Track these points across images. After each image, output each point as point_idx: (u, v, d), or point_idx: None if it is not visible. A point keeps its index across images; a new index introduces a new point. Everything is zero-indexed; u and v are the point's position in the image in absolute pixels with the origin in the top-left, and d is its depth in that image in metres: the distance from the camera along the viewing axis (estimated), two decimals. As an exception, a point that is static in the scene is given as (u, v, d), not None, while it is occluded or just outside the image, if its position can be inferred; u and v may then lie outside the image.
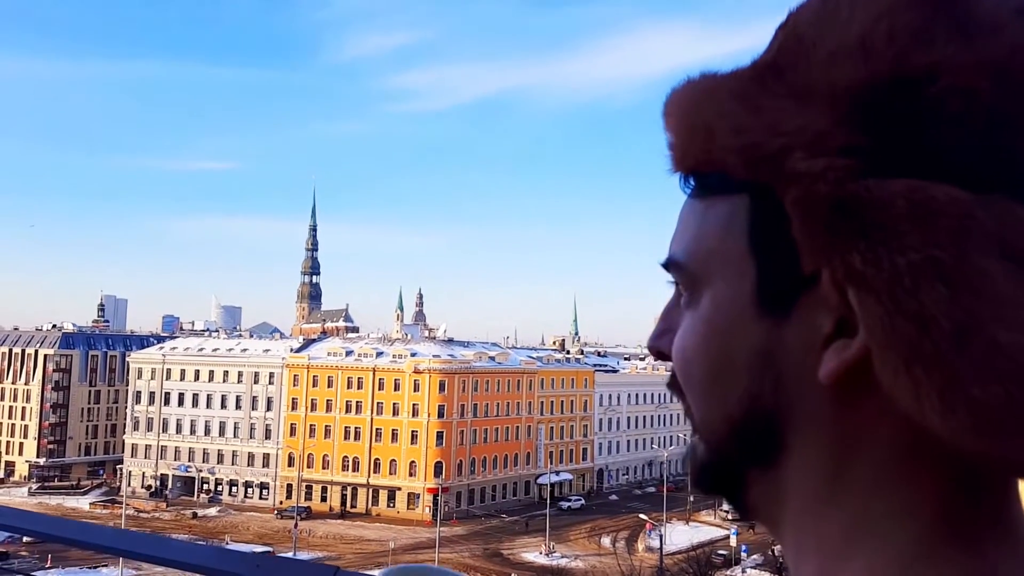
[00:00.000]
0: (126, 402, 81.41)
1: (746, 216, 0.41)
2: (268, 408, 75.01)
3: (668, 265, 0.46)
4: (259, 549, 49.61)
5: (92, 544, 1.94)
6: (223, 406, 76.52)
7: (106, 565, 51.51)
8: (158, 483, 75.74)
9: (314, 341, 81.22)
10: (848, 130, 0.37)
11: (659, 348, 0.47)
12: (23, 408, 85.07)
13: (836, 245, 0.36)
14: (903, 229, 0.35)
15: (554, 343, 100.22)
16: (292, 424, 73.39)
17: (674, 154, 0.45)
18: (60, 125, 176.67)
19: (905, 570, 0.37)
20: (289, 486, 71.11)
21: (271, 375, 75.34)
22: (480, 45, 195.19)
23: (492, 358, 74.74)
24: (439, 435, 68.65)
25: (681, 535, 56.61)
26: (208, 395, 77.15)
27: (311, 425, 72.86)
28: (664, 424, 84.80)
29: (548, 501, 61.88)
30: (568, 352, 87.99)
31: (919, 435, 0.36)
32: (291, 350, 76.69)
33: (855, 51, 0.38)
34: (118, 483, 76.82)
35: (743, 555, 50.87)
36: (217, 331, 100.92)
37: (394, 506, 68.39)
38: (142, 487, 75.32)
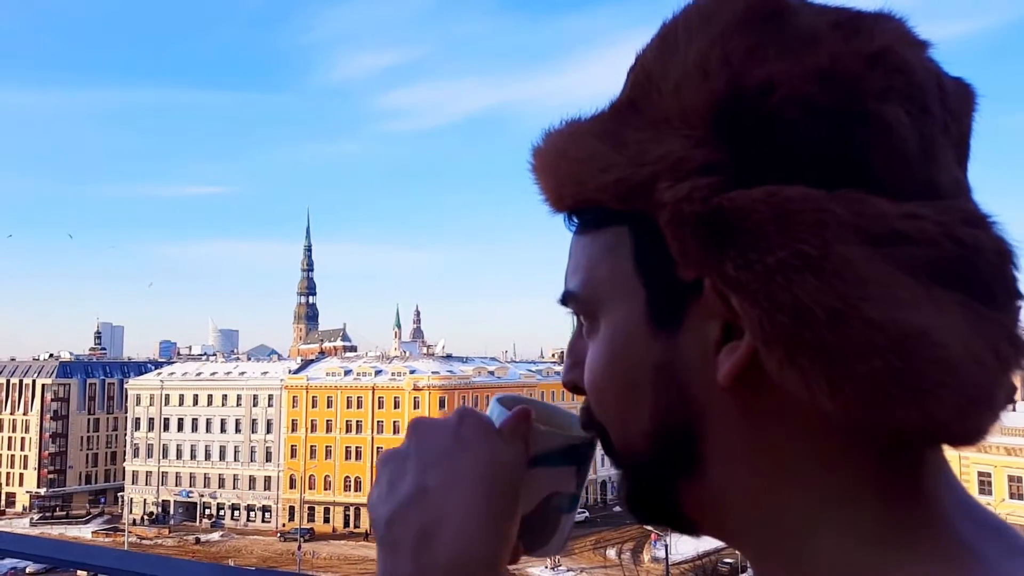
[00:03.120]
0: (125, 429, 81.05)
1: (629, 243, 0.45)
2: (268, 430, 74.73)
3: (565, 299, 0.50)
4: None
5: (95, 567, 2.04)
6: (223, 430, 76.21)
7: None
8: (160, 509, 75.28)
9: (312, 361, 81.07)
10: (705, 150, 0.41)
11: (573, 382, 0.50)
12: (22, 438, 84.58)
13: (710, 257, 0.40)
14: (767, 231, 0.39)
15: (553, 356, 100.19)
16: (293, 446, 73.11)
17: (548, 198, 0.49)
18: (53, 155, 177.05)
19: (878, 550, 0.40)
20: (291, 508, 70.74)
21: (270, 397, 75.12)
22: (469, 62, 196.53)
23: (491, 373, 74.69)
24: (441, 452, 68.35)
25: (687, 544, 56.36)
26: (208, 419, 76.84)
27: (312, 446, 72.59)
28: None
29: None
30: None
31: (824, 421, 0.39)
32: (289, 371, 76.52)
33: (695, 77, 0.42)
34: (120, 511, 76.33)
35: (750, 563, 50.61)
36: (215, 355, 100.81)
37: (398, 525, 67.97)
38: (144, 514, 74.83)
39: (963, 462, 42.03)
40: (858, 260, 0.38)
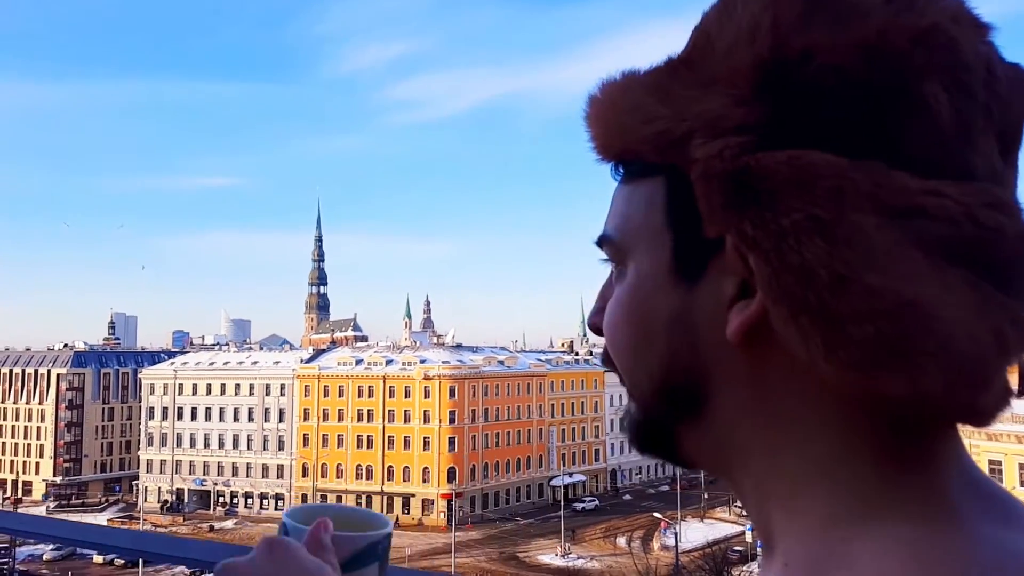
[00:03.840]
0: (139, 418, 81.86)
1: (663, 194, 0.47)
2: (280, 419, 75.32)
3: (601, 242, 0.52)
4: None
5: (111, 547, 2.13)
6: (236, 419, 76.88)
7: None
8: (174, 497, 76.09)
9: (323, 351, 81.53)
10: (743, 111, 0.43)
11: (596, 324, 0.53)
12: (38, 427, 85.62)
13: (733, 214, 0.42)
14: (787, 193, 0.41)
15: (563, 345, 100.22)
16: (305, 434, 73.68)
17: (596, 146, 0.51)
18: (67, 148, 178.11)
19: (866, 506, 0.41)
20: (304, 496, 71.27)
21: (282, 386, 75.66)
22: (478, 52, 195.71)
23: (501, 362, 74.82)
24: (451, 441, 68.81)
25: (696, 532, 56.55)
26: (220, 408, 77.53)
27: (324, 435, 73.13)
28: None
29: (562, 503, 61.93)
30: (577, 354, 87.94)
31: (825, 384, 0.41)
32: (301, 361, 76.98)
33: (745, 39, 0.44)
34: (134, 499, 77.24)
35: (759, 550, 50.58)
36: (227, 345, 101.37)
37: (409, 512, 68.53)
38: (158, 502, 75.69)
39: (973, 450, 41.94)
40: (869, 229, 0.39)
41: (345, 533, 0.56)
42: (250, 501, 74.74)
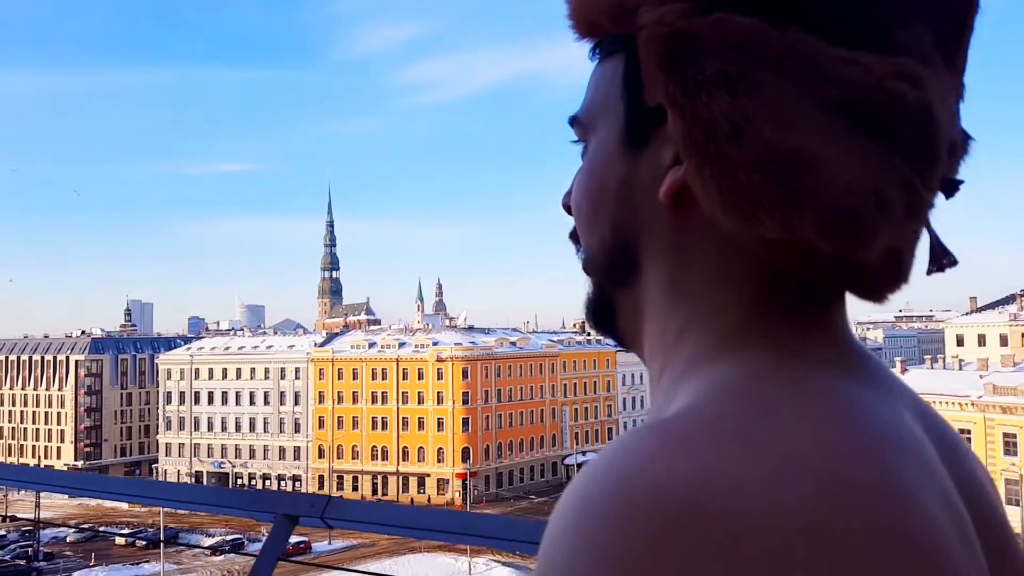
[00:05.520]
0: (157, 403, 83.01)
1: (621, 68, 0.50)
2: (296, 402, 76.14)
3: (571, 123, 0.55)
4: (294, 539, 50.67)
5: (113, 494, 2.33)
6: (252, 402, 77.81)
7: (148, 561, 52.86)
8: (193, 480, 77.23)
9: (337, 335, 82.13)
10: None
11: (566, 204, 0.56)
12: (58, 413, 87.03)
13: (664, 76, 0.44)
14: (706, 53, 0.43)
15: (574, 325, 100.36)
16: (320, 417, 74.51)
17: (572, 24, 0.53)
18: (80, 135, 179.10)
19: (717, 351, 0.45)
20: (321, 477, 72.35)
21: (297, 370, 76.42)
22: (490, 32, 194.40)
23: (513, 343, 75.16)
24: (464, 421, 69.37)
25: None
26: (237, 392, 78.45)
27: (339, 417, 73.93)
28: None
29: (575, 481, 62.34)
30: (589, 334, 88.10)
31: (731, 239, 0.44)
32: (315, 345, 77.65)
33: None
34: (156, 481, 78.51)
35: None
36: (242, 330, 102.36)
37: (424, 492, 69.29)
38: (178, 483, 76.88)
39: (988, 424, 41.81)
40: (772, 86, 0.42)
41: None
42: (268, 483, 75.67)
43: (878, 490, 0.37)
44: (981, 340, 55.93)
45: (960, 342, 57.44)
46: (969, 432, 42.17)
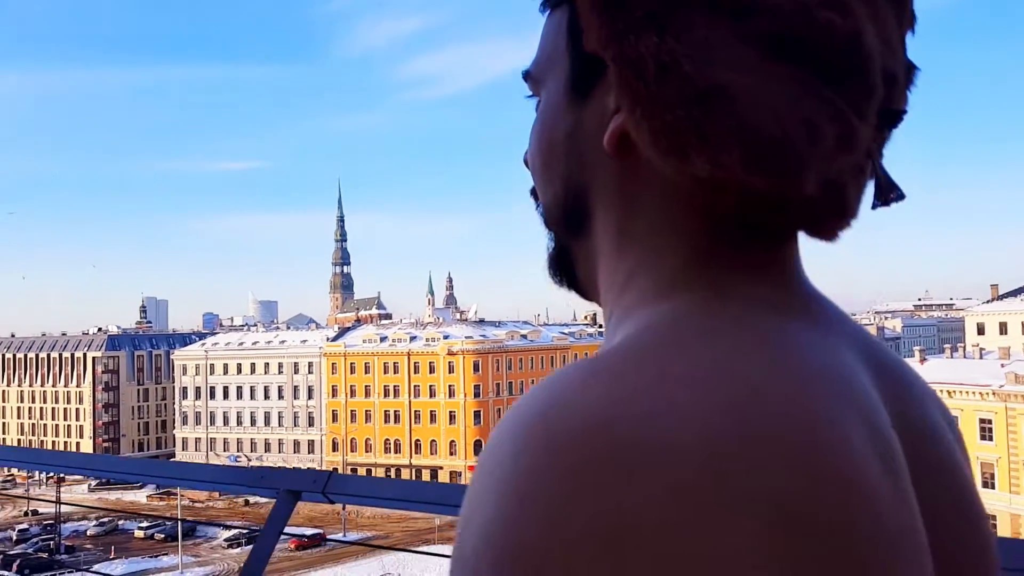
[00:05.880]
0: (173, 398, 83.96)
1: (566, 18, 0.50)
2: (309, 396, 76.78)
3: (525, 77, 0.56)
4: (310, 531, 51.18)
5: (124, 474, 2.44)
6: (266, 397, 78.52)
7: (166, 553, 53.55)
8: (209, 474, 78.04)
9: (349, 329, 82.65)
10: None
11: (526, 159, 0.57)
12: (76, 409, 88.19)
13: (599, 23, 0.45)
14: (636, 1, 0.44)
15: (585, 318, 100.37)
16: (333, 411, 75.10)
17: None
18: (92, 133, 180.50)
19: (658, 294, 0.46)
20: (335, 469, 72.79)
21: (310, 364, 77.02)
22: (494, 22, 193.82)
23: (524, 336, 75.36)
24: (476, 414, 69.72)
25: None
26: (251, 387, 79.20)
27: (352, 411, 74.50)
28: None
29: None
30: (600, 325, 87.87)
31: (673, 183, 0.45)
32: (327, 339, 78.24)
33: None
34: (172, 476, 79.43)
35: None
36: (255, 325, 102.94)
37: (437, 485, 69.65)
38: (194, 479, 77.75)
39: (1010, 413, 41.36)
40: (699, 23, 0.42)
41: None
42: (283, 476, 76.30)
43: (789, 414, 0.37)
44: (1002, 328, 54.98)
45: (981, 331, 56.45)
46: (990, 422, 41.76)
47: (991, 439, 41.79)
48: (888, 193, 0.47)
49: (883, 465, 0.38)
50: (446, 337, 72.63)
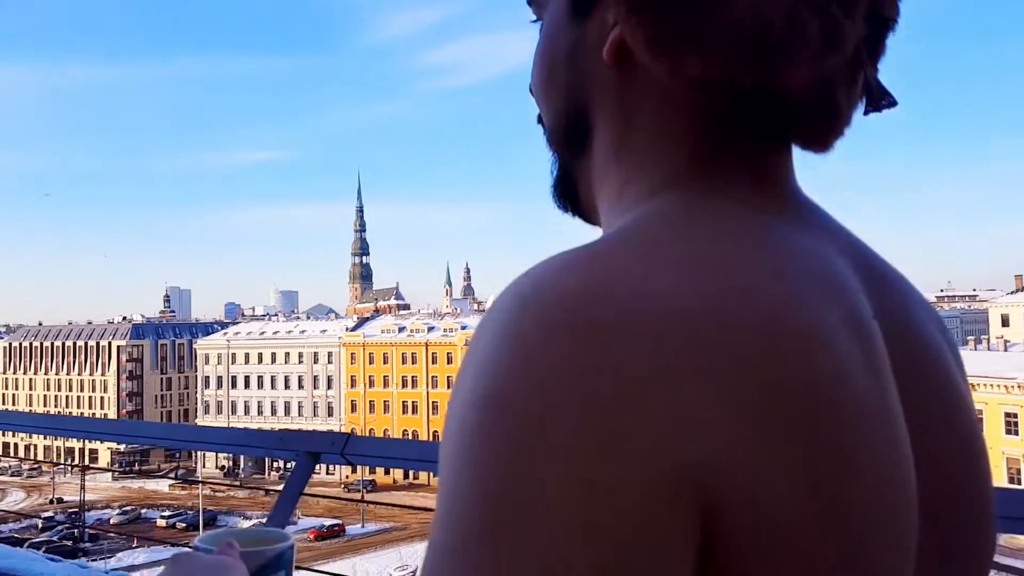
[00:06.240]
0: (196, 387, 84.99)
1: None
2: (329, 386, 77.38)
3: (529, 2, 0.58)
4: (329, 522, 51.68)
5: (147, 438, 2.49)
6: (287, 386, 79.23)
7: (187, 543, 53.96)
8: (231, 463, 79.04)
9: (368, 319, 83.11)
10: None
11: (531, 86, 0.58)
12: (101, 397, 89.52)
13: None
14: None
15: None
16: (352, 400, 75.66)
17: None
18: (116, 127, 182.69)
19: (651, 194, 0.47)
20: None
21: (329, 354, 77.59)
22: (515, 12, 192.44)
23: (542, 327, 75.17)
24: (494, 405, 69.75)
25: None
26: (272, 376, 79.93)
27: (370, 401, 74.99)
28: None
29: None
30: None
31: (668, 90, 0.46)
32: (347, 329, 78.71)
33: None
34: (193, 465, 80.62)
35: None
36: (276, 315, 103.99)
37: (455, 475, 69.94)
38: (216, 467, 78.83)
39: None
40: None
41: (251, 549, 0.68)
42: (303, 465, 77.05)
43: (766, 296, 0.38)
44: (1028, 320, 54.36)
45: (1005, 322, 55.71)
46: (1016, 416, 41.13)
47: (1016, 433, 41.19)
48: (880, 99, 0.48)
49: (863, 355, 0.40)
50: (463, 328, 72.81)
